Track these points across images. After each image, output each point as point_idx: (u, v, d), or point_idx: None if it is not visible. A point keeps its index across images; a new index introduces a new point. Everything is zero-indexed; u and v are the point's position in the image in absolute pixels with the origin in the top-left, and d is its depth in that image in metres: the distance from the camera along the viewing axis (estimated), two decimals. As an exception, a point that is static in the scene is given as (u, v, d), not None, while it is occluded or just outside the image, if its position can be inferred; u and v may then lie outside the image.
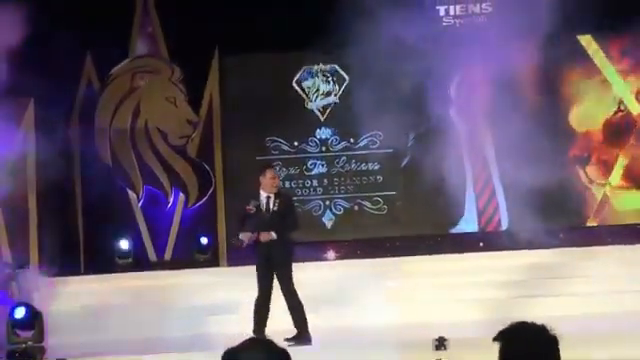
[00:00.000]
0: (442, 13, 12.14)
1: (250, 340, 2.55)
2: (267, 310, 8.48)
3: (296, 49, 11.60)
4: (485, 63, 11.92)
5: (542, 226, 11.65)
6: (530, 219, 11.72)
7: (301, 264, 10.86)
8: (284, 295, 8.47)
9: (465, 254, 10.99)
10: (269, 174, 8.73)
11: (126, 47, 12.28)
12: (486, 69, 11.95)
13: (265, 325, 8.45)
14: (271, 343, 2.54)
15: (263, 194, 8.63)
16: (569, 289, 10.22)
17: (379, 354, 7.93)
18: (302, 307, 8.42)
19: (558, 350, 2.65)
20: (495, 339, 2.68)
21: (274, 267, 8.50)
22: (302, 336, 8.31)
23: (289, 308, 8.44)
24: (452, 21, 12.14)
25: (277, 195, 8.67)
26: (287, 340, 8.06)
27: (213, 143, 12.18)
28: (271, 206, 8.61)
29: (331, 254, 11.82)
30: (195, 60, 12.02)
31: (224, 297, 10.27)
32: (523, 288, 10.10)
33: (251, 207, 8.61)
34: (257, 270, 8.57)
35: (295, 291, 8.44)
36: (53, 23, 10.83)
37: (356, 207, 12.15)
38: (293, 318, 8.42)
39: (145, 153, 12.19)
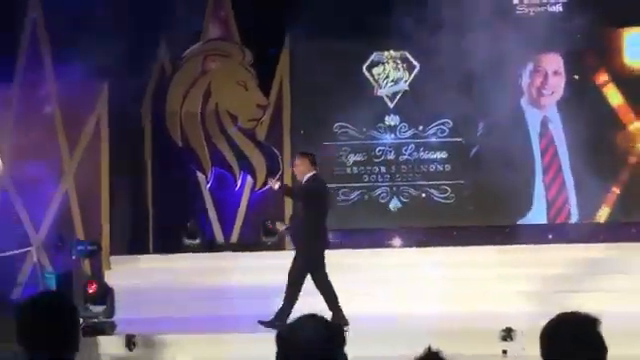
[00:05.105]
0: (516, 1, 11.97)
1: (305, 316, 2.59)
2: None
3: (367, 35, 11.53)
4: (559, 52, 11.77)
5: (612, 219, 11.46)
6: (600, 212, 11.54)
7: (367, 250, 10.90)
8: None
9: (533, 245, 10.86)
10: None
11: (199, 30, 12.39)
12: (560, 58, 11.79)
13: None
14: (326, 320, 2.58)
15: None
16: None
17: (442, 344, 7.87)
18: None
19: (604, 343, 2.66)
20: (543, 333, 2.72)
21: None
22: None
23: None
24: (526, 9, 11.96)
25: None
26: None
27: (282, 127, 12.23)
28: None
29: (397, 241, 11.79)
30: (266, 44, 12.07)
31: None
32: (588, 282, 9.95)
33: None
34: None
35: (296, 281, 8.58)
36: (127, 7, 11.00)
37: (423, 195, 12.06)
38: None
39: (215, 136, 12.32)
